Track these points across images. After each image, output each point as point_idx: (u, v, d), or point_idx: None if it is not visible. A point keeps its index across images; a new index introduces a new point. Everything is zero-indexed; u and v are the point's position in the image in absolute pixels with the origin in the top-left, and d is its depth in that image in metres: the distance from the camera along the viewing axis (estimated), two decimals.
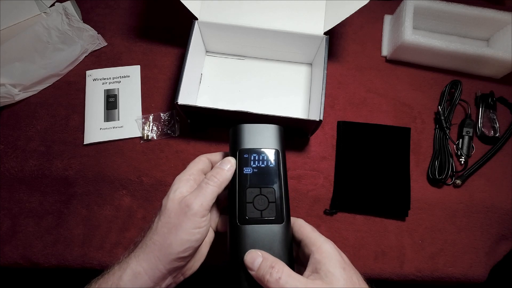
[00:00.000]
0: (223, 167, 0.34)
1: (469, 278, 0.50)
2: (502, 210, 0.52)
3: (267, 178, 0.35)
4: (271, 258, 0.30)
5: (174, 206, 0.31)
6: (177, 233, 0.30)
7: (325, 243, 0.31)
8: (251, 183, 0.35)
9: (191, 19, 0.51)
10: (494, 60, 0.54)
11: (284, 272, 0.28)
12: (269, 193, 0.35)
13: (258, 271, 0.29)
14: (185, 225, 0.30)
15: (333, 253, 0.30)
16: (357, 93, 0.58)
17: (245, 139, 0.36)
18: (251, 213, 0.34)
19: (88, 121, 0.55)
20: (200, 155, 0.38)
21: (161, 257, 0.30)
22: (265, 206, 0.34)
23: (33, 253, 0.49)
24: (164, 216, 0.31)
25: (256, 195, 0.34)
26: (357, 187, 0.52)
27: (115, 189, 0.52)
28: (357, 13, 0.47)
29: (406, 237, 0.51)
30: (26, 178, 0.52)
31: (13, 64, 0.53)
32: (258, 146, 0.36)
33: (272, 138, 0.37)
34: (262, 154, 0.36)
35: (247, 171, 0.35)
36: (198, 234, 0.31)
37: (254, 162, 0.36)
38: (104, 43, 0.60)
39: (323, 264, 0.29)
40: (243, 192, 0.35)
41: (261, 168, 0.35)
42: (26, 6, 0.55)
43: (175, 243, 0.30)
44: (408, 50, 0.57)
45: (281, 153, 0.37)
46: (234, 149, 0.36)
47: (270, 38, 0.53)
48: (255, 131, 0.37)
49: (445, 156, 0.53)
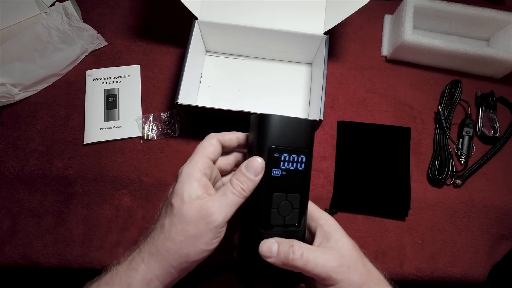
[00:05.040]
0: (251, 176, 0.30)
1: (469, 278, 0.50)
2: (502, 210, 0.52)
3: (295, 183, 0.32)
4: (285, 240, 0.31)
5: (193, 213, 0.28)
6: (195, 243, 0.28)
7: (330, 218, 0.34)
8: (278, 187, 0.31)
9: (191, 19, 0.51)
10: (494, 60, 0.54)
11: (304, 247, 0.30)
12: (294, 199, 0.32)
13: (279, 255, 0.30)
14: (205, 236, 0.28)
15: (338, 225, 0.33)
16: (357, 93, 0.58)
17: (276, 135, 0.31)
18: (275, 220, 0.31)
19: (88, 121, 0.55)
20: (210, 133, 0.33)
21: (175, 264, 0.28)
22: (289, 213, 0.32)
23: (33, 253, 0.49)
24: (180, 222, 0.28)
25: (282, 201, 0.31)
26: (357, 187, 0.52)
27: (115, 188, 0.52)
28: (357, 13, 0.47)
29: (406, 237, 0.51)
30: (26, 178, 0.52)
31: (13, 64, 0.52)
32: (290, 145, 0.31)
33: (305, 135, 0.32)
34: (294, 154, 0.32)
35: (276, 173, 0.31)
36: (216, 243, 0.29)
37: (284, 163, 0.31)
38: (104, 43, 0.60)
39: (333, 235, 0.32)
40: (268, 197, 0.31)
41: (290, 171, 0.31)
42: (26, 6, 0.55)
43: (193, 254, 0.28)
44: (408, 50, 0.57)
45: (311, 154, 0.33)
46: (263, 145, 0.31)
47: (270, 38, 0.53)
48: (287, 125, 0.32)
49: (445, 156, 0.53)
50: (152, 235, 0.30)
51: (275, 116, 0.31)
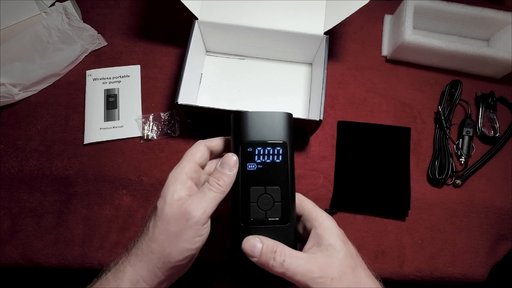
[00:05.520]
0: (225, 171, 0.31)
1: (469, 278, 0.50)
2: (502, 210, 0.52)
3: (273, 176, 0.32)
4: (271, 242, 0.30)
5: (173, 211, 0.29)
6: (177, 242, 0.29)
7: (327, 219, 0.32)
8: (255, 181, 0.32)
9: (191, 19, 0.51)
10: (494, 60, 0.54)
11: (286, 254, 0.29)
12: (275, 192, 0.32)
13: (261, 257, 0.29)
14: (186, 233, 0.29)
15: (334, 228, 0.31)
16: (357, 93, 0.58)
17: (249, 130, 0.32)
18: (255, 214, 0.31)
19: (88, 121, 0.55)
20: (199, 140, 0.34)
21: (159, 265, 0.29)
22: (270, 206, 0.32)
23: (33, 253, 0.49)
24: (162, 222, 0.29)
25: (261, 194, 0.32)
26: (357, 187, 0.52)
27: (115, 188, 0.52)
28: (357, 13, 0.47)
29: (406, 237, 0.51)
30: (26, 178, 0.52)
31: (13, 64, 0.53)
32: (263, 138, 0.32)
33: (280, 127, 0.33)
34: (268, 147, 0.32)
35: (251, 167, 0.32)
36: (199, 242, 0.30)
37: (259, 157, 0.32)
38: (104, 43, 0.60)
39: (325, 239, 0.30)
40: (246, 191, 0.32)
41: (267, 164, 0.32)
42: (26, 6, 0.55)
43: (175, 252, 0.29)
44: (408, 50, 0.57)
45: (289, 146, 0.33)
46: (236, 141, 0.32)
47: (270, 38, 0.53)
48: (260, 119, 0.32)
49: (445, 156, 0.53)
50: (139, 238, 0.31)
51: (247, 113, 0.33)
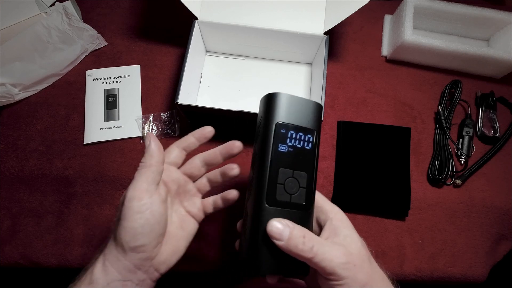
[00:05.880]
0: (146, 143, 0.33)
1: (469, 278, 0.50)
2: (502, 210, 0.52)
3: (302, 161, 0.32)
4: (299, 227, 0.30)
5: (122, 200, 0.32)
6: (122, 223, 0.31)
7: (340, 212, 0.34)
8: (285, 163, 0.32)
9: (191, 19, 0.51)
10: (494, 60, 0.54)
11: (315, 240, 0.30)
12: (301, 177, 0.32)
13: (290, 241, 0.29)
14: (125, 213, 0.31)
15: (348, 220, 0.33)
16: (357, 93, 0.58)
17: (284, 111, 0.32)
18: (281, 196, 0.31)
19: (88, 121, 0.55)
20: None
21: (118, 250, 0.31)
22: (295, 191, 0.32)
23: (33, 253, 0.49)
24: (118, 216, 0.32)
25: (288, 177, 0.32)
26: (357, 187, 0.52)
27: (115, 188, 0.52)
28: (357, 13, 0.47)
29: (406, 237, 0.51)
30: (26, 178, 0.52)
31: (13, 64, 0.52)
32: (297, 123, 0.32)
33: (313, 116, 0.33)
34: (300, 133, 0.32)
35: (282, 148, 0.32)
36: (140, 219, 0.31)
37: (291, 140, 0.32)
38: (104, 43, 0.60)
39: (342, 230, 0.32)
40: (275, 171, 0.31)
41: (297, 149, 0.32)
42: (26, 6, 0.55)
43: (122, 233, 0.30)
44: (408, 50, 0.57)
45: (318, 136, 0.34)
46: (270, 120, 0.32)
47: (270, 38, 0.53)
48: (295, 104, 0.33)
49: (445, 156, 0.53)
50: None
51: (283, 94, 0.33)
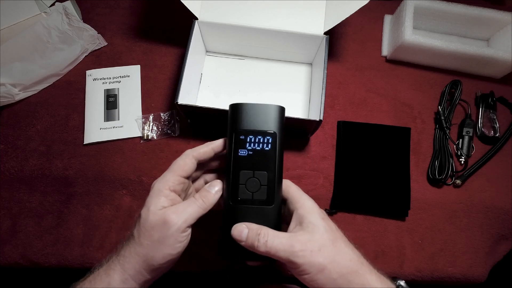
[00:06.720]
0: (211, 190, 0.36)
1: (469, 278, 0.50)
2: (502, 210, 0.52)
3: (262, 162, 0.35)
4: (255, 226, 0.33)
5: (156, 219, 0.32)
6: (159, 247, 0.32)
7: (307, 200, 0.35)
8: (245, 165, 0.35)
9: (191, 19, 0.51)
10: (494, 60, 0.54)
11: (269, 235, 0.32)
12: (262, 176, 0.35)
13: (247, 240, 0.33)
14: (167, 240, 0.32)
15: (314, 207, 0.34)
16: (357, 93, 0.58)
17: (243, 119, 0.36)
18: (243, 194, 0.35)
19: (88, 121, 0.55)
20: (186, 150, 0.36)
21: (145, 267, 0.32)
22: (256, 189, 0.35)
23: (33, 253, 0.49)
24: (146, 229, 0.32)
25: (249, 178, 0.35)
26: (357, 187, 0.52)
27: (115, 189, 0.52)
28: (357, 13, 0.47)
29: (406, 237, 0.51)
30: (26, 178, 0.52)
31: (13, 64, 0.53)
32: (255, 128, 0.36)
33: (272, 119, 0.36)
34: (259, 136, 0.35)
35: (242, 153, 0.35)
36: (179, 248, 0.33)
37: (249, 144, 0.35)
38: (104, 43, 0.60)
39: (306, 217, 0.33)
40: (236, 174, 0.35)
41: (256, 151, 0.35)
42: (26, 6, 0.55)
43: (158, 256, 0.32)
44: (408, 50, 0.57)
45: (279, 136, 0.36)
46: (231, 129, 0.36)
47: (270, 38, 0.53)
48: (254, 111, 0.36)
49: (445, 156, 0.53)
50: (127, 241, 0.34)
51: (242, 104, 0.36)
